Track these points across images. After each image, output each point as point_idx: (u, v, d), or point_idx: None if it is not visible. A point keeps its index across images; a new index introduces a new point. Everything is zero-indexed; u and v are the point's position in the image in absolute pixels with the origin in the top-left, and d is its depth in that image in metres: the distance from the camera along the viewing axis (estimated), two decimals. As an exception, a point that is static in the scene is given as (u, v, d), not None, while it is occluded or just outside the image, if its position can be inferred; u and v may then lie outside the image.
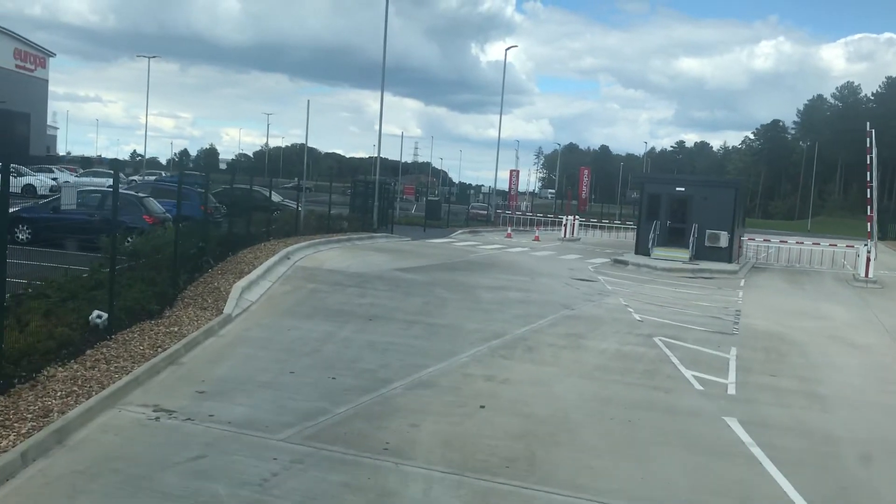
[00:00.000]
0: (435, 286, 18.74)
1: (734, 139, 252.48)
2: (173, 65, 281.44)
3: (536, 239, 39.99)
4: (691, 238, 30.77)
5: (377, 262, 23.24)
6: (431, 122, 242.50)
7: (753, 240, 37.99)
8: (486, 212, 49.49)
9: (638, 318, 16.07)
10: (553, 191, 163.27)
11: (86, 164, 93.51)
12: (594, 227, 46.06)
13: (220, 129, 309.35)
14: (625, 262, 29.51)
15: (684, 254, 30.59)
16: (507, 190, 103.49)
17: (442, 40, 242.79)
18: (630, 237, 43.58)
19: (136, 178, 67.97)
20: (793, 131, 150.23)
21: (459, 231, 38.75)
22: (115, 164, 42.78)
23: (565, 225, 40.45)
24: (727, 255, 31.11)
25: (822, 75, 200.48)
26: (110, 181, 17.74)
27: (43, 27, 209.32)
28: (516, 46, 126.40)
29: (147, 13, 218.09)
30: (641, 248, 31.99)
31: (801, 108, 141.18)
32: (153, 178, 61.53)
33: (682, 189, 31.85)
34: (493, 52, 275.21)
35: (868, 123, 30.49)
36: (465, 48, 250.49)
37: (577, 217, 42.07)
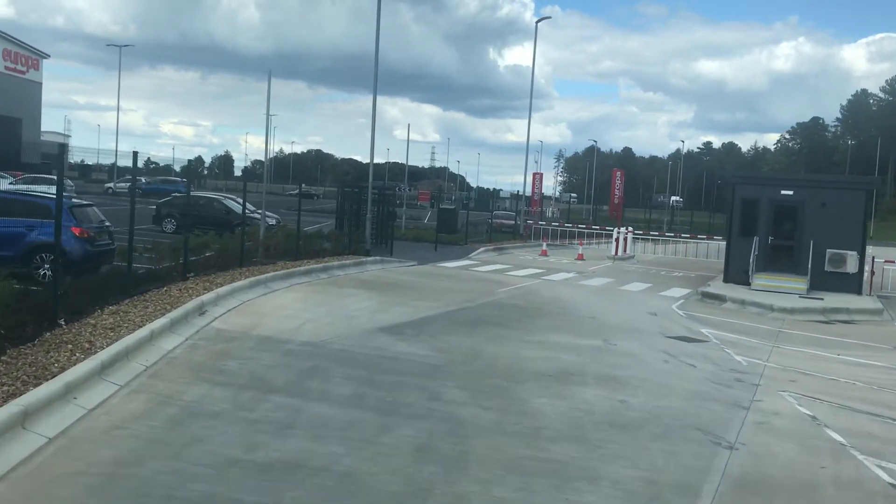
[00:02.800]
0: (443, 376, 10.13)
1: (751, 141, 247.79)
2: (194, 73, 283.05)
3: (580, 258, 31.28)
4: (806, 259, 21.97)
5: (355, 311, 14.68)
6: (450, 128, 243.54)
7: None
8: (512, 221, 40.75)
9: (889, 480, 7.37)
10: (575, 195, 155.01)
11: (85, 172, 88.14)
12: (642, 238, 37.24)
13: (239, 137, 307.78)
14: (719, 297, 20.73)
15: (799, 283, 21.78)
16: (529, 194, 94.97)
17: (461, 46, 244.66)
18: (689, 252, 34.63)
19: (111, 185, 60.72)
20: (833, 129, 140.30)
21: (481, 249, 30.19)
22: (58, 168, 33.92)
23: (616, 239, 31.76)
24: (856, 283, 22.31)
25: (844, 76, 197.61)
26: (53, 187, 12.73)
27: (66, 38, 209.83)
28: (549, 17, 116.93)
29: (168, 23, 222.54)
30: (734, 274, 23.19)
31: (844, 103, 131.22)
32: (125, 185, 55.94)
33: (790, 192, 23.00)
34: (511, 56, 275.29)
35: None
36: (483, 53, 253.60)
37: (630, 229, 33.36)
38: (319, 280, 18.67)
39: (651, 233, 40.03)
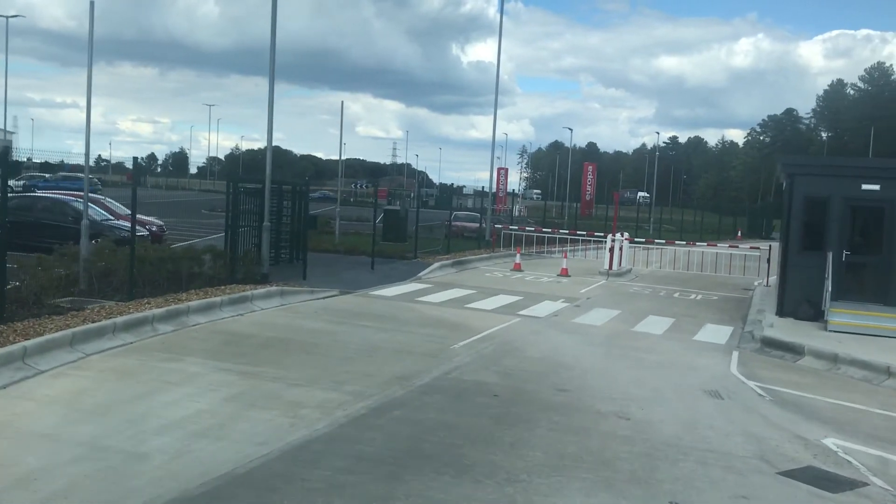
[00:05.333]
0: None
1: (712, 136, 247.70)
2: (152, 69, 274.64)
3: (564, 273, 24.04)
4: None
5: (162, 427, 7.20)
6: (413, 124, 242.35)
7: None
8: (476, 225, 33.27)
9: None
10: (539, 191, 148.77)
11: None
12: (631, 244, 30.00)
13: (198, 134, 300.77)
14: (790, 347, 13.57)
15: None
16: (494, 191, 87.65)
17: (424, 41, 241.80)
18: (692, 262, 27.54)
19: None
20: (807, 121, 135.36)
21: (435, 264, 22.74)
22: None
23: (611, 249, 24.57)
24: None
25: (802, 72, 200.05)
26: None
27: (20, 33, 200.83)
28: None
29: (126, 18, 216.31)
30: (794, 305, 16.19)
31: (821, 94, 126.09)
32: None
33: (876, 187, 15.93)
34: (474, 52, 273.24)
35: None
36: (446, 49, 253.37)
37: (626, 235, 26.14)
38: (151, 337, 11.12)
39: (637, 239, 32.94)
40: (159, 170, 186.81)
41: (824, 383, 11.64)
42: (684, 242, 30.21)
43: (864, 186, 15.88)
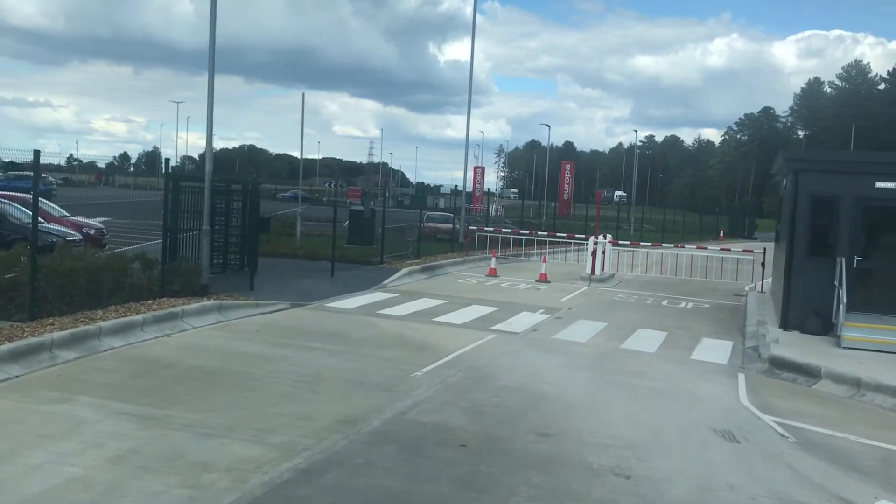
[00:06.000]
0: None
1: (691, 136, 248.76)
2: (126, 68, 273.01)
3: (543, 279, 22.23)
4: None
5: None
6: (390, 123, 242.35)
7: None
8: (450, 225, 31.34)
9: None
10: (516, 191, 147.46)
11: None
12: (616, 245, 28.10)
13: (174, 133, 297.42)
14: (804, 370, 11.82)
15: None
16: (470, 190, 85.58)
17: (401, 41, 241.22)
18: (681, 266, 25.81)
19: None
20: (784, 119, 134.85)
21: (403, 270, 20.76)
22: None
23: (594, 253, 22.78)
24: None
25: (776, 72, 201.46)
26: None
27: None
28: None
29: (99, 16, 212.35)
30: (800, 317, 14.50)
31: (799, 91, 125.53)
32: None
33: (892, 185, 14.23)
34: (451, 52, 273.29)
35: None
36: (423, 48, 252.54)
37: (609, 238, 24.34)
38: (46, 368, 9.12)
39: (622, 242, 31.27)
40: (132, 169, 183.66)
41: (851, 416, 9.88)
42: (672, 245, 28.38)
43: (879, 184, 14.19)
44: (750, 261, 24.66)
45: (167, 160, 14.09)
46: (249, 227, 18.09)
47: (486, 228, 27.76)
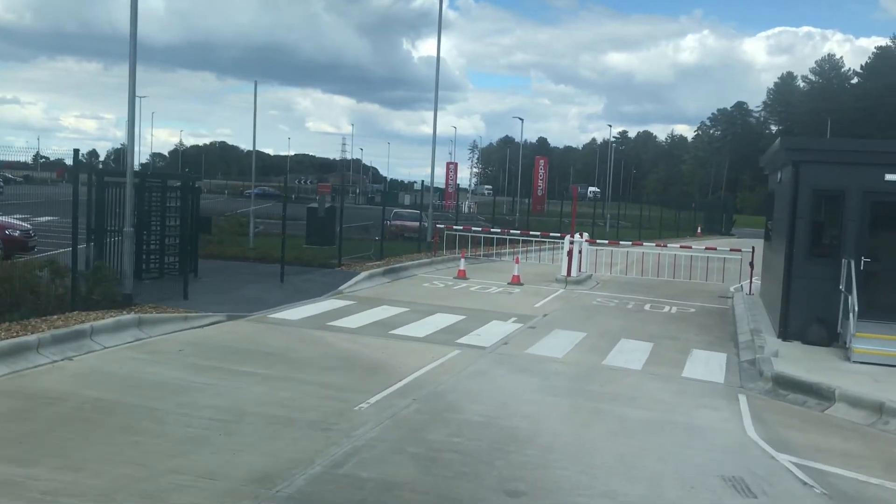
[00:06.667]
0: None
1: (663, 132, 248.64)
2: (96, 64, 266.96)
3: (516, 281, 20.58)
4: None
5: None
6: (363, 119, 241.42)
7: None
8: (416, 223, 29.51)
9: None
10: (490, 187, 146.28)
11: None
12: (593, 244, 26.37)
13: (145, 130, 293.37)
14: (814, 391, 10.22)
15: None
16: (443, 187, 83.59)
17: (374, 37, 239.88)
18: (664, 265, 24.26)
19: None
20: (757, 114, 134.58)
21: (363, 274, 18.92)
22: None
23: (570, 252, 21.16)
24: None
25: (746, 68, 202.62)
26: None
27: None
28: None
29: (67, 11, 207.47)
30: (801, 325, 13.01)
31: (772, 86, 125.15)
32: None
33: (905, 177, 12.73)
34: (424, 48, 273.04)
35: None
36: (397, 44, 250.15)
37: (585, 237, 22.71)
38: None
39: (600, 241, 29.77)
40: (101, 166, 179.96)
41: (879, 452, 8.30)
42: (653, 244, 26.83)
43: (889, 177, 12.67)
44: (733, 260, 23.18)
45: (76, 150, 12.17)
46: (189, 228, 16.20)
47: (454, 227, 25.97)
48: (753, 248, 20.92)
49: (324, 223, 24.04)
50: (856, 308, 11.63)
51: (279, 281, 16.89)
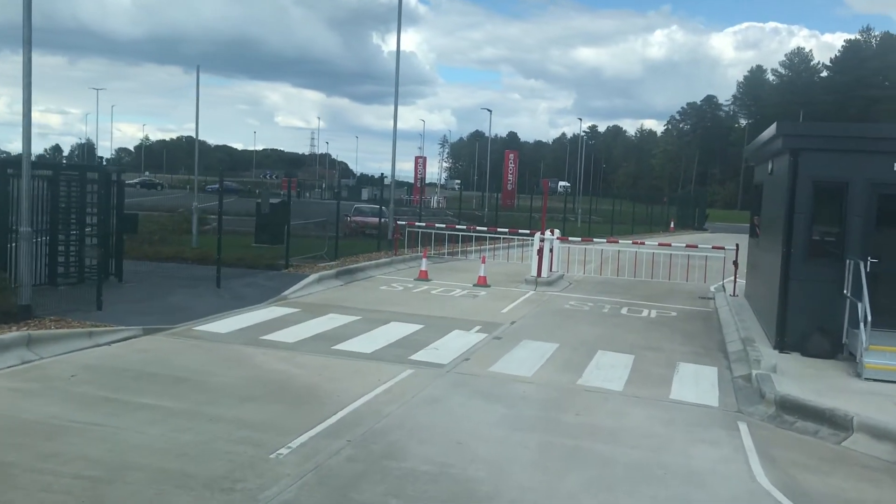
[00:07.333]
0: None
1: (633, 127, 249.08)
2: (61, 58, 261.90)
3: (482, 282, 18.95)
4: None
5: None
6: (333, 114, 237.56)
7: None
8: (377, 219, 27.72)
9: None
10: (459, 181, 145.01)
11: None
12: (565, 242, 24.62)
13: (112, 125, 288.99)
14: (831, 419, 8.65)
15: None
16: (412, 181, 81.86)
17: (344, 31, 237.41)
18: (642, 263, 22.70)
19: None
20: (727, 108, 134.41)
21: (312, 276, 17.10)
22: None
23: (540, 251, 19.57)
24: None
25: (714, 63, 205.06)
26: None
27: None
28: None
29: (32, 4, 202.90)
30: (800, 334, 11.48)
31: (741, 79, 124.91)
32: None
33: (916, 168, 11.24)
34: (395, 42, 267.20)
35: None
36: (366, 39, 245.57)
37: (557, 234, 21.11)
38: None
39: (573, 238, 28.27)
40: (64, 162, 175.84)
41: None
42: (629, 241, 25.31)
43: (898, 167, 11.19)
44: (714, 258, 21.72)
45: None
46: (109, 226, 14.30)
47: (417, 223, 24.21)
48: (738, 245, 19.46)
49: (274, 220, 22.17)
50: (869, 318, 10.11)
51: (215, 286, 15.05)
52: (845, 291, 11.13)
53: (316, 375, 9.52)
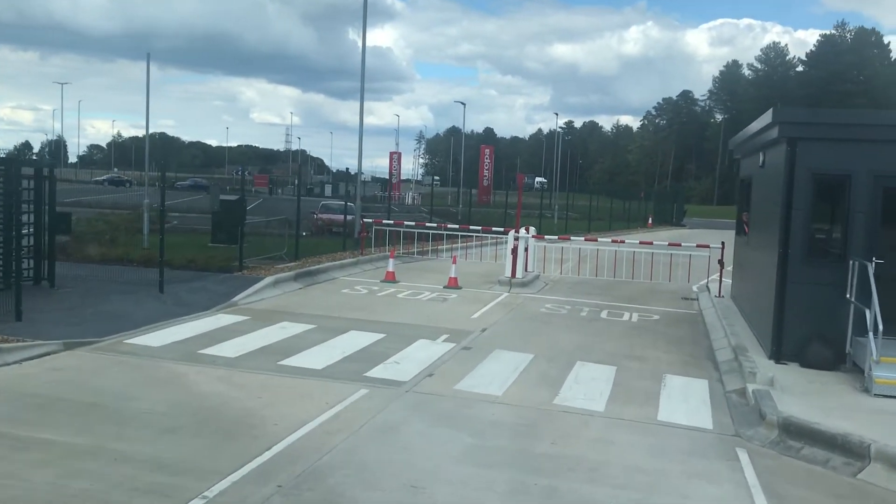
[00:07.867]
0: None
1: (609, 123, 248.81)
2: (33, 53, 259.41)
3: (452, 284, 17.77)
4: None
5: None
6: (309, 110, 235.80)
7: None
8: (343, 216, 26.37)
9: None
10: (438, 178, 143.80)
11: None
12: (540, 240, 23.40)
13: (86, 122, 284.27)
14: (844, 446, 7.53)
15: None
16: (387, 177, 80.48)
17: (319, 26, 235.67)
18: (623, 261, 21.58)
19: None
20: (703, 103, 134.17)
21: (268, 279, 15.74)
22: None
23: (514, 250, 18.41)
24: None
25: (689, 59, 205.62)
26: None
27: None
28: None
29: (3, 1, 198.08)
30: (798, 344, 10.36)
31: (717, 74, 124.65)
32: None
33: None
34: (370, 38, 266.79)
35: None
36: (342, 34, 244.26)
37: (532, 232, 19.95)
38: None
39: (549, 237, 27.20)
40: (34, 158, 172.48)
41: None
42: (608, 240, 24.21)
43: (907, 157, 10.14)
44: (697, 256, 20.69)
45: None
46: (44, 225, 12.93)
47: (384, 221, 22.94)
48: (723, 243, 18.42)
49: (233, 218, 20.77)
50: (880, 326, 9.04)
51: (158, 291, 13.71)
52: (849, 296, 10.08)
53: (254, 399, 8.28)
